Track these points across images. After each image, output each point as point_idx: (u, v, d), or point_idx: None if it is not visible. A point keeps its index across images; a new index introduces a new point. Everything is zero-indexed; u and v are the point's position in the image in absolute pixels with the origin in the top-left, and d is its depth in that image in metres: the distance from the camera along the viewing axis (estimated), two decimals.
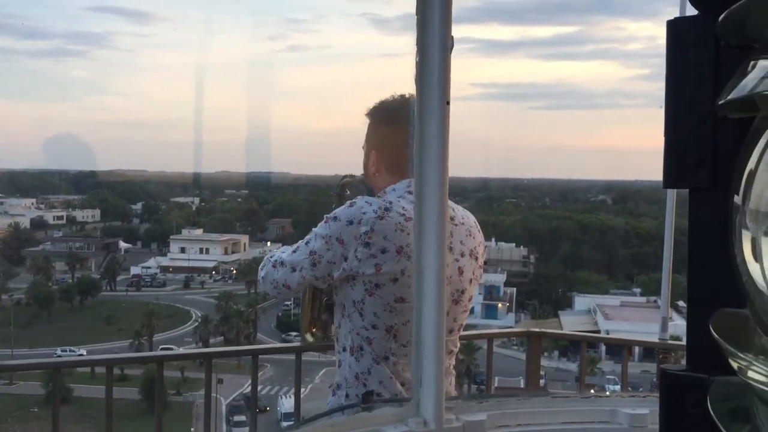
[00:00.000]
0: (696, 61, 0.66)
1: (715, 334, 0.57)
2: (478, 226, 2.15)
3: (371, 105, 2.14)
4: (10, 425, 31.35)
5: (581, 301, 52.66)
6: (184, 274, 64.18)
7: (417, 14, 1.45)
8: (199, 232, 69.97)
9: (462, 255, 2.03)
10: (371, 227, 1.91)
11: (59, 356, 43.03)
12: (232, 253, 67.33)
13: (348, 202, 2.00)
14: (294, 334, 45.32)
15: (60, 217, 77.76)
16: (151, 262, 66.19)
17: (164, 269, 65.31)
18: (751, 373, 0.51)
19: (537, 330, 2.71)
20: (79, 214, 79.42)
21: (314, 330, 2.37)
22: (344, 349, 2.01)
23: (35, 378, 39.65)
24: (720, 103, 0.55)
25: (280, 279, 2.05)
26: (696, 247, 0.67)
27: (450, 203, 2.10)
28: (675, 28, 0.67)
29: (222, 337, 48.46)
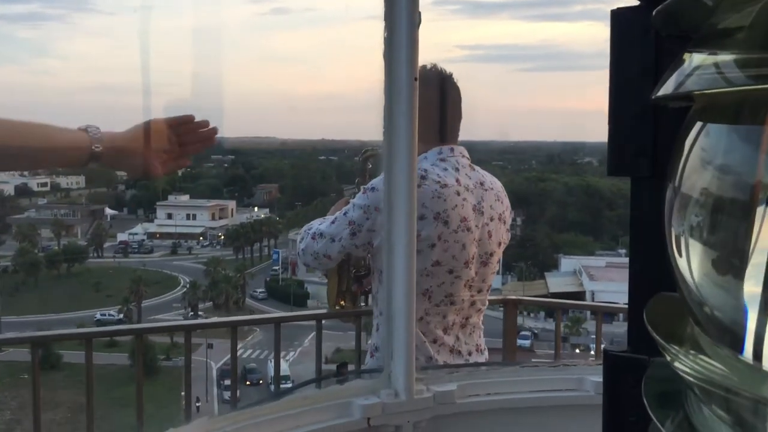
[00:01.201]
0: (637, 52, 0.67)
1: (647, 323, 0.59)
2: (505, 192, 2.25)
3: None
4: (0, 392, 31.47)
5: (567, 263, 53.15)
6: (172, 240, 64.02)
7: None
8: (185, 198, 69.61)
9: (491, 219, 2.12)
10: None
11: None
12: (220, 218, 67.13)
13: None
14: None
15: (44, 184, 77.10)
16: (138, 229, 65.93)
17: (151, 236, 65.09)
18: (678, 365, 0.53)
19: (513, 297, 2.76)
20: (64, 181, 78.76)
21: (343, 303, 2.41)
22: (381, 314, 2.09)
23: (24, 345, 39.73)
24: (655, 97, 0.56)
25: (320, 250, 2.13)
26: (636, 234, 0.69)
27: (478, 169, 2.16)
28: (617, 18, 0.68)
29: (211, 303, 48.63)
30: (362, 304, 2.46)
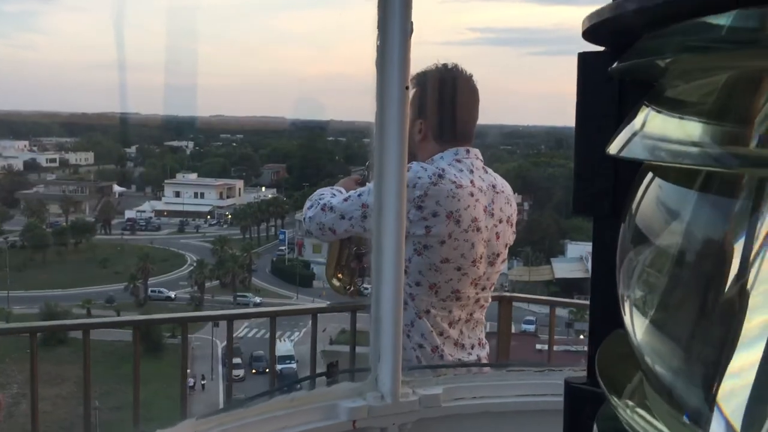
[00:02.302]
0: (601, 96, 0.68)
1: (597, 364, 0.61)
2: (513, 195, 2.33)
3: (415, 72, 2.23)
4: (8, 365, 31.83)
5: (573, 249, 53.07)
6: (179, 218, 64.28)
7: None
8: (193, 176, 69.81)
9: (500, 221, 2.17)
10: (425, 192, 2.05)
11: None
12: (227, 197, 67.32)
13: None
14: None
15: (53, 160, 77.37)
16: (146, 206, 66.19)
17: (159, 213, 65.35)
18: (621, 413, 0.54)
19: (508, 294, 2.78)
20: (73, 157, 79.01)
21: (340, 276, 2.46)
22: None
23: (31, 319, 40.14)
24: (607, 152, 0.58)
25: (327, 222, 2.17)
26: (598, 270, 0.71)
27: (491, 172, 2.20)
28: (584, 61, 0.70)
29: (218, 281, 48.89)
30: (359, 280, 2.48)
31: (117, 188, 70.98)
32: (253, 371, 33.43)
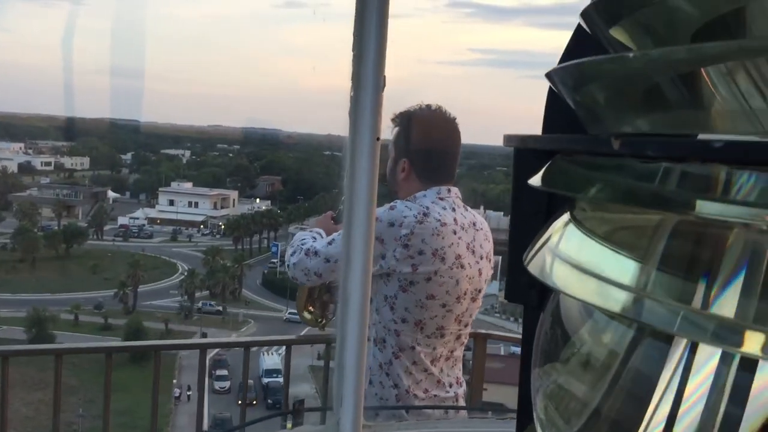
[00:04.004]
0: (533, 192, 0.71)
1: None
2: (490, 231, 2.35)
3: (397, 112, 2.27)
4: None
5: None
6: (172, 226, 64.14)
7: (353, 50, 1.48)
8: (188, 185, 69.74)
9: (481, 258, 2.20)
10: (411, 230, 2.07)
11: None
12: (221, 208, 67.25)
13: (388, 205, 2.15)
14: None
15: (48, 163, 77.21)
16: (139, 213, 66.06)
17: (152, 221, 65.22)
18: None
19: (483, 332, 2.80)
20: (68, 161, 78.86)
21: (312, 309, 2.47)
22: (368, 339, 2.13)
23: (18, 323, 39.88)
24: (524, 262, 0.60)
25: (312, 267, 2.19)
26: (526, 359, 0.74)
27: (470, 210, 2.24)
28: (518, 156, 0.73)
29: (208, 292, 48.72)
30: (331, 313, 2.50)
31: (111, 194, 70.87)
32: (239, 402, 33.10)
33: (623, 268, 0.46)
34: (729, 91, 0.42)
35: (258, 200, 70.26)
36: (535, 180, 0.60)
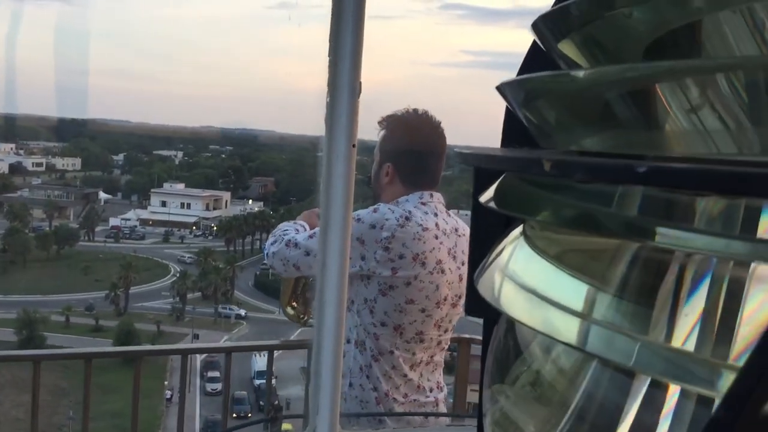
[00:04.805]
0: (493, 222, 0.70)
1: None
2: None
3: (384, 115, 2.27)
4: None
5: None
6: (164, 228, 63.96)
7: (329, 56, 1.48)
8: (180, 186, 69.57)
9: (463, 263, 2.20)
10: (392, 234, 2.07)
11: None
12: (214, 209, 67.11)
13: (371, 207, 2.14)
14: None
15: (39, 164, 76.91)
16: (131, 215, 65.84)
17: (144, 222, 65.01)
18: None
19: (467, 336, 2.79)
20: (60, 162, 78.57)
21: (295, 305, 2.46)
22: (348, 341, 2.15)
23: (9, 325, 39.65)
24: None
25: (291, 259, 2.18)
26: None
27: (453, 215, 2.23)
28: (477, 173, 0.71)
29: (200, 293, 48.58)
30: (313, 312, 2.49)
31: (103, 195, 70.63)
32: (233, 415, 32.88)
33: (576, 293, 0.43)
34: (683, 111, 0.41)
35: (251, 201, 70.17)
36: (486, 197, 0.58)
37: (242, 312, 46.82)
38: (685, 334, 0.36)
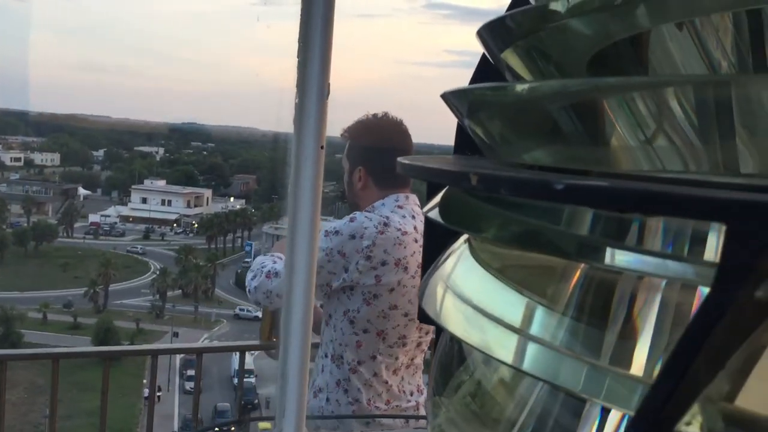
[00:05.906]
0: (443, 232, 0.69)
1: None
2: None
3: (350, 124, 2.24)
4: None
5: None
6: (145, 225, 63.48)
7: (298, 57, 1.47)
8: (161, 183, 69.08)
9: None
10: (372, 241, 2.04)
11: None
12: (195, 206, 66.73)
13: (347, 217, 2.12)
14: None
15: (17, 159, 76.01)
16: (111, 211, 65.29)
17: (124, 219, 64.50)
18: None
19: None
20: (38, 157, 77.71)
21: (275, 339, 2.42)
22: (325, 355, 2.14)
23: None
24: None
25: (274, 289, 2.14)
26: None
27: None
28: (429, 188, 0.70)
29: (180, 291, 48.31)
30: None
31: (82, 191, 69.95)
32: (216, 430, 32.62)
33: (516, 310, 0.42)
34: (628, 127, 0.40)
35: (232, 199, 69.83)
36: (430, 208, 0.56)
37: (259, 314, 46.29)
38: (624, 355, 0.35)
